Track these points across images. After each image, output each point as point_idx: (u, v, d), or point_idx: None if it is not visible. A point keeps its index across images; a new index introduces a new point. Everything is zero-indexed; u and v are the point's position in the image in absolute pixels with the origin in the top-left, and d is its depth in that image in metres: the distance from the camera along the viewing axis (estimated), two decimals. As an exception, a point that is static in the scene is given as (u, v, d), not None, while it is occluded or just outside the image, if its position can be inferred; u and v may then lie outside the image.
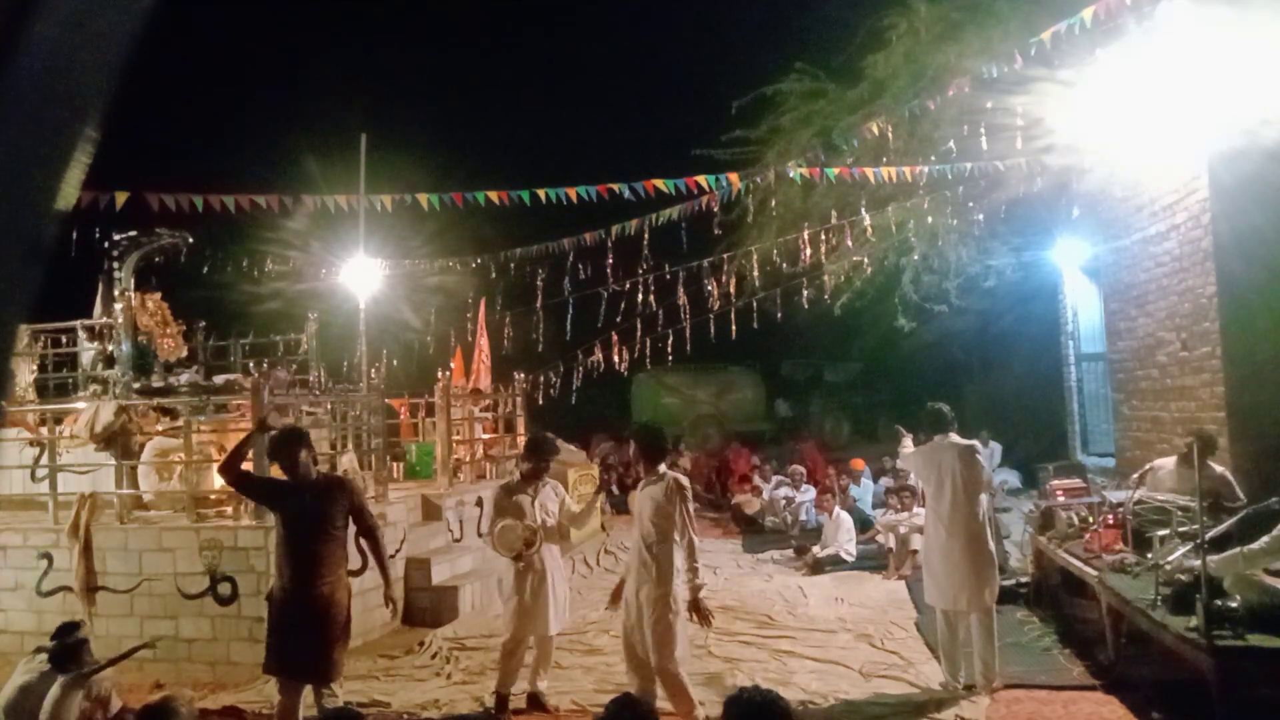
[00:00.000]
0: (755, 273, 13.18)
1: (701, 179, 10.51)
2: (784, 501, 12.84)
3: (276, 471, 5.41)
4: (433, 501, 9.47)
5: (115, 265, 9.34)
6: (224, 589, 7.11)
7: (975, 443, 6.15)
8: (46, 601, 7.44)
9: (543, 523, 5.83)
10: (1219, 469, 6.48)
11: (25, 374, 9.45)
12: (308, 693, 5.19)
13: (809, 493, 12.65)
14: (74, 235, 9.33)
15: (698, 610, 5.05)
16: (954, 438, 6.04)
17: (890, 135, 10.46)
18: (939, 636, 6.09)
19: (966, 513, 5.85)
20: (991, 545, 6.02)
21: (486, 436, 11.57)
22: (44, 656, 5.49)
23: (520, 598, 5.78)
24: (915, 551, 9.41)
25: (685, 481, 5.21)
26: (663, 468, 5.24)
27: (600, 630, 7.62)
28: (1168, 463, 6.91)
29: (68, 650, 5.40)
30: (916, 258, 13.29)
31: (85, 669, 5.43)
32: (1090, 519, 6.96)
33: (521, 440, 12.10)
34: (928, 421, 6.13)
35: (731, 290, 13.49)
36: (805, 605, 8.41)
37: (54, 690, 5.26)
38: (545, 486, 6.04)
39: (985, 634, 5.86)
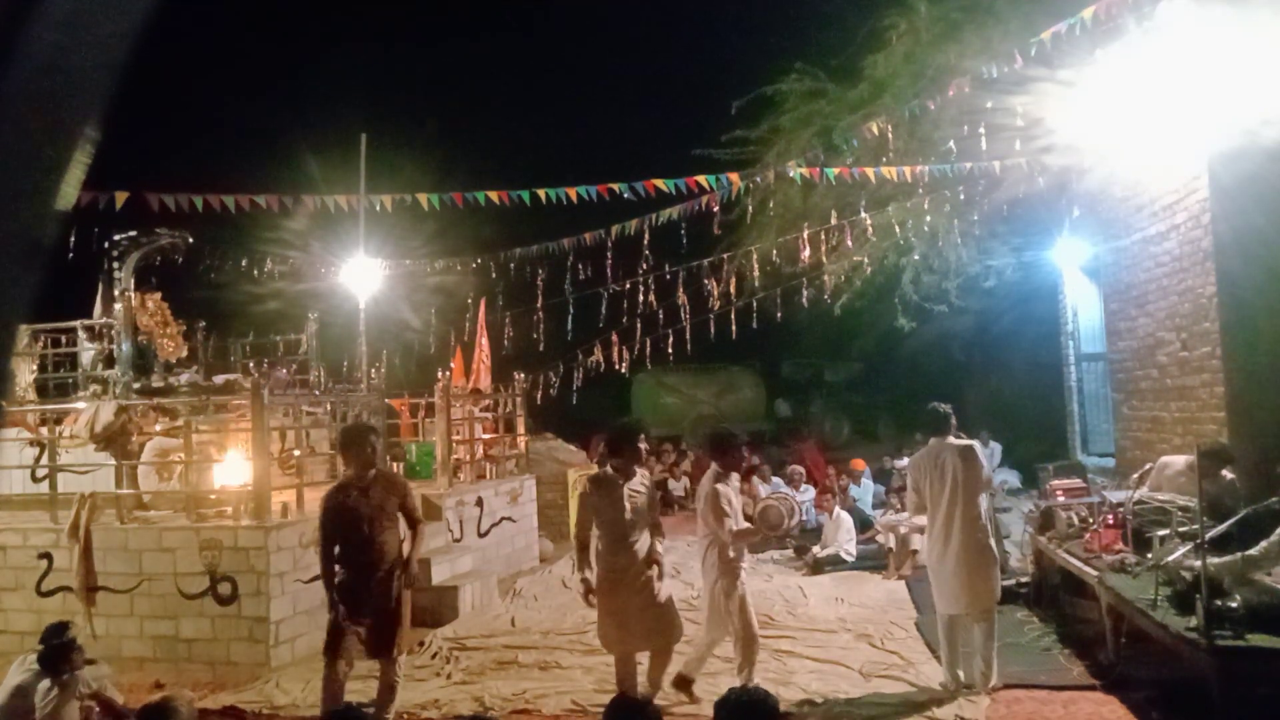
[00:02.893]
0: (755, 273, 13.17)
1: (701, 179, 10.51)
2: (784, 501, 12.82)
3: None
4: (433, 501, 9.46)
5: (115, 265, 9.35)
6: (224, 589, 7.11)
7: (974, 443, 6.13)
8: (46, 601, 7.44)
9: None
10: (1230, 476, 6.44)
11: (25, 374, 9.46)
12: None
13: (809, 493, 12.65)
14: (74, 235, 9.33)
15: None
16: (952, 439, 6.01)
17: (890, 135, 10.46)
18: (940, 637, 6.09)
19: (968, 514, 5.82)
20: (994, 546, 6.02)
21: (486, 436, 11.56)
22: (34, 657, 5.49)
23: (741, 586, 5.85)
24: (915, 551, 9.41)
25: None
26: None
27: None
28: (1177, 461, 6.90)
29: (57, 651, 5.39)
30: (916, 258, 13.29)
31: (78, 670, 5.43)
32: (1090, 519, 6.96)
33: (522, 440, 12.14)
34: (929, 422, 6.08)
35: (731, 290, 13.48)
36: (805, 605, 8.41)
37: (53, 692, 5.26)
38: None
39: (986, 635, 5.86)
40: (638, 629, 5.45)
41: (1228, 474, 6.41)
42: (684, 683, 5.91)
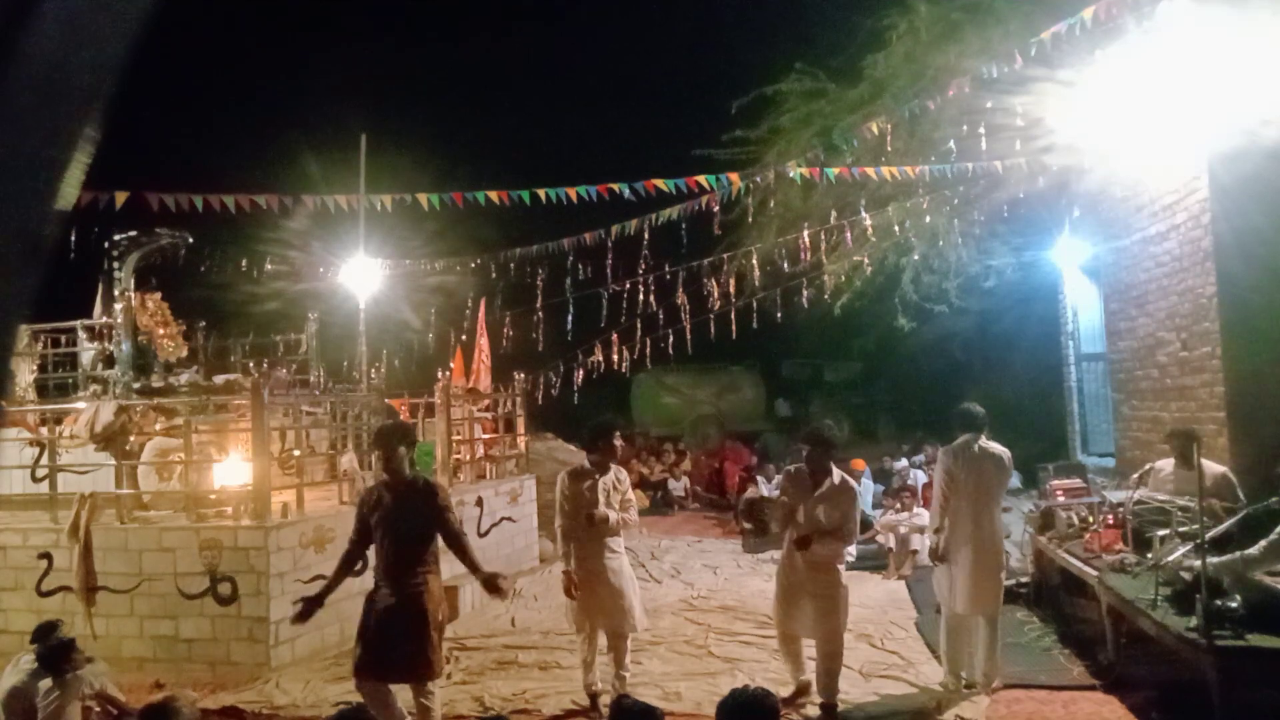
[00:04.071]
0: (755, 273, 13.17)
1: (701, 179, 10.50)
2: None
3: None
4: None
5: (115, 265, 9.36)
6: (224, 589, 7.11)
7: (1007, 451, 6.10)
8: (46, 601, 7.43)
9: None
10: (1219, 469, 6.47)
11: (25, 374, 9.46)
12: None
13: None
14: (74, 235, 9.33)
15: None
16: (984, 441, 6.03)
17: (890, 135, 10.45)
18: (941, 636, 6.10)
19: (992, 518, 5.92)
20: (1004, 551, 6.08)
21: (486, 436, 11.56)
22: (30, 657, 5.48)
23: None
24: (915, 551, 9.42)
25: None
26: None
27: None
28: (1167, 464, 6.93)
29: (59, 650, 5.39)
30: (916, 258, 13.28)
31: (79, 669, 5.42)
32: (1090, 519, 6.97)
33: (522, 440, 12.13)
34: (967, 421, 6.11)
35: (731, 290, 13.47)
36: (805, 605, 8.40)
37: (55, 692, 5.25)
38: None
39: (991, 635, 5.89)
40: (598, 610, 5.79)
41: (1215, 465, 6.47)
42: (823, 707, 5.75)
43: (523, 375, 12.69)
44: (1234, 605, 4.68)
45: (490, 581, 5.15)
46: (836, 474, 5.78)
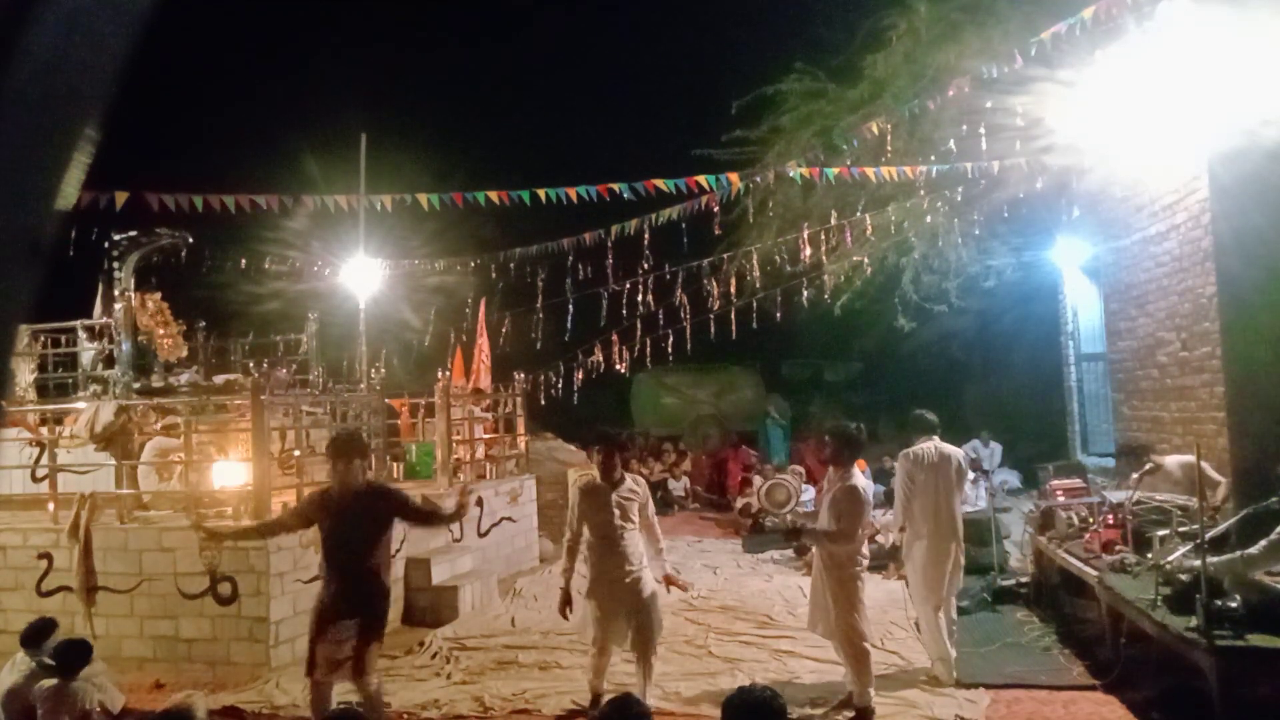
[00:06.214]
0: (755, 273, 13.17)
1: (701, 179, 10.51)
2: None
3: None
4: (433, 501, 9.45)
5: (115, 265, 9.36)
6: (224, 589, 7.11)
7: (962, 451, 6.49)
8: (46, 601, 7.43)
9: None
10: (1187, 459, 6.58)
11: (25, 374, 9.46)
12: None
13: (808, 492, 12.64)
14: (74, 235, 9.33)
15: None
16: (939, 444, 6.33)
17: (890, 135, 10.45)
18: (924, 630, 6.29)
19: (950, 514, 6.16)
20: (962, 546, 6.31)
21: (486, 436, 11.56)
22: (24, 656, 5.47)
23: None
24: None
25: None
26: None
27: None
28: (1167, 460, 7.08)
29: (73, 652, 5.38)
30: (916, 258, 13.29)
31: (81, 674, 5.42)
32: (1090, 519, 6.97)
33: (522, 440, 12.12)
34: (922, 426, 6.42)
35: (731, 290, 13.47)
36: (805, 605, 8.39)
37: (54, 693, 5.25)
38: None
39: (950, 623, 6.20)
40: (620, 627, 5.63)
41: (1180, 457, 6.63)
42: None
43: (523, 375, 12.69)
44: (1234, 605, 4.68)
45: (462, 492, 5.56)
46: (850, 473, 5.74)
